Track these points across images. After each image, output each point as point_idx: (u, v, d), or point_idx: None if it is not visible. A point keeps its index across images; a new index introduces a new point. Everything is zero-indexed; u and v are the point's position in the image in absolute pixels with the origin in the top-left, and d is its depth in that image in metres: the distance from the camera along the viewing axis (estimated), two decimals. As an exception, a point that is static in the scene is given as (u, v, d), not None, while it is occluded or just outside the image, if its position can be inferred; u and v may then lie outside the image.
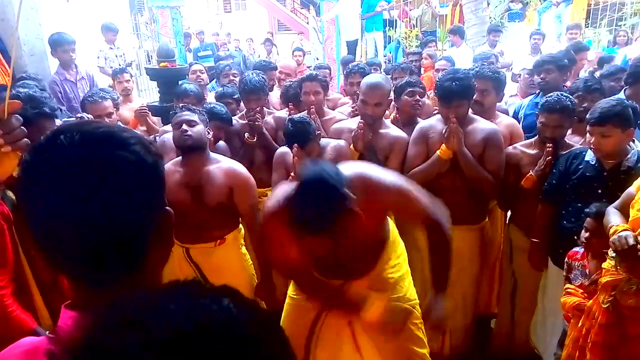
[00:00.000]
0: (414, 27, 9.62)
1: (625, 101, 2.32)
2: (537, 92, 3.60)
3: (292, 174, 2.50)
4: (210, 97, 4.03)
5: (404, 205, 1.79)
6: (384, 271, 1.96)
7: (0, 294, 1.59)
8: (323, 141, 2.64)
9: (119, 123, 3.35)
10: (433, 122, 2.73)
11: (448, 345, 2.88)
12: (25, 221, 0.67)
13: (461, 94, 2.53)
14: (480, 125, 2.64)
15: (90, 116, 2.71)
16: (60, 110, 3.97)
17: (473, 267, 2.79)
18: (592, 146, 2.26)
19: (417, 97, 3.00)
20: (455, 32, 7.41)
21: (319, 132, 2.62)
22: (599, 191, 2.28)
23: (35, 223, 0.66)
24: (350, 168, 1.73)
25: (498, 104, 3.68)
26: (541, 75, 3.41)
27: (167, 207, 0.75)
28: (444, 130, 2.54)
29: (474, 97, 2.74)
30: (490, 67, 3.39)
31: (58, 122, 2.93)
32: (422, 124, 2.81)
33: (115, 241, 0.65)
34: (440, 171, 2.60)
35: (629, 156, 2.26)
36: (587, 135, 2.30)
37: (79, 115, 2.66)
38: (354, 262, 1.85)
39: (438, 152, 2.57)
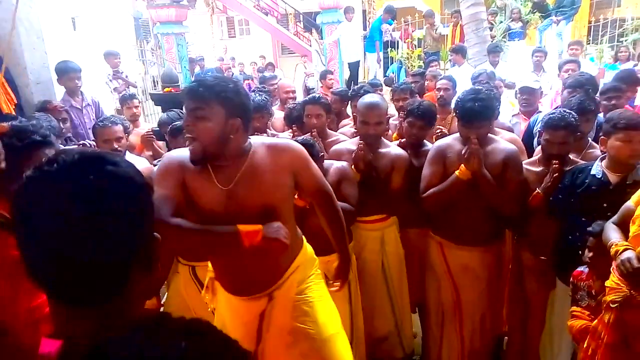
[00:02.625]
0: (415, 47, 9.73)
1: None
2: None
3: (295, 196, 2.49)
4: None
5: (302, 166, 1.89)
6: (307, 293, 1.96)
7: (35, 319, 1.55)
8: (326, 163, 2.63)
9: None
10: (450, 142, 2.68)
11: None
12: (17, 242, 0.67)
13: (483, 114, 2.48)
14: (500, 145, 2.59)
15: (93, 143, 2.75)
16: (70, 139, 4.03)
17: (491, 289, 2.74)
18: (628, 153, 2.20)
19: (415, 131, 2.98)
20: (457, 51, 7.49)
21: (322, 154, 2.61)
22: (604, 205, 2.25)
23: (25, 244, 0.67)
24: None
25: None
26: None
27: (155, 233, 0.75)
28: (463, 151, 2.48)
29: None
30: (483, 85, 3.41)
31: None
32: (439, 143, 2.77)
33: (100, 261, 0.66)
34: (458, 191, 2.54)
35: (635, 170, 2.24)
36: (616, 143, 2.24)
37: (81, 142, 2.69)
38: (259, 251, 1.75)
39: (457, 172, 2.50)
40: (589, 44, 9.79)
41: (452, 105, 3.42)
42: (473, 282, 2.70)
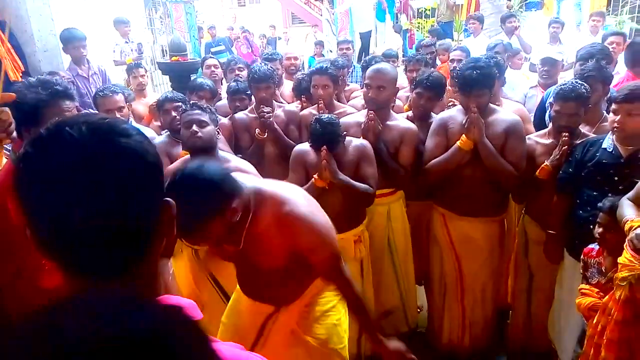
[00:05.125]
0: (428, 17, 9.52)
1: None
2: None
3: (314, 176, 2.45)
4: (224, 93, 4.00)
5: (307, 246, 1.67)
6: (314, 305, 1.91)
7: None
8: (345, 140, 2.58)
9: (132, 117, 3.36)
10: (453, 113, 2.68)
11: (467, 337, 2.86)
12: (23, 213, 0.65)
13: (482, 82, 2.48)
14: (502, 115, 2.59)
15: (95, 112, 2.72)
16: (77, 108, 4.01)
17: (493, 260, 2.76)
18: (615, 125, 2.20)
19: (423, 102, 2.92)
20: (477, 19, 7.28)
21: (344, 132, 2.55)
22: (615, 178, 2.22)
23: (39, 216, 0.65)
24: (277, 188, 1.70)
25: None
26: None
27: (168, 198, 0.74)
28: (464, 121, 2.49)
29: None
30: (488, 54, 3.34)
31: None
32: (441, 114, 2.76)
33: (123, 232, 0.65)
34: (460, 162, 2.55)
35: None
36: (611, 115, 2.25)
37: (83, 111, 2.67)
38: (270, 281, 1.78)
39: (458, 142, 2.51)
40: (609, 14, 9.46)
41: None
42: (475, 252, 2.72)
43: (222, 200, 1.49)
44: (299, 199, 1.68)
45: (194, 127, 2.32)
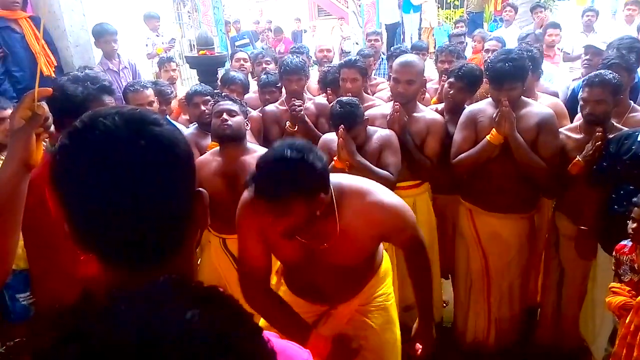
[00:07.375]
0: (457, 7, 9.37)
1: None
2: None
3: (334, 158, 2.47)
4: (253, 86, 4.03)
5: (395, 229, 1.74)
6: (370, 298, 1.91)
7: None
8: (370, 129, 2.59)
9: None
10: (483, 106, 2.61)
11: (493, 335, 2.82)
12: (61, 205, 0.66)
13: (514, 75, 2.40)
14: (534, 109, 2.51)
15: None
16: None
17: (521, 258, 2.70)
18: None
19: (454, 93, 2.85)
20: (512, 7, 7.14)
21: (366, 118, 2.57)
22: None
23: (75, 207, 0.66)
24: (354, 180, 1.71)
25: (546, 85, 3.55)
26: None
27: (200, 188, 0.75)
28: (494, 114, 2.43)
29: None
30: (523, 46, 3.24)
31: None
32: (470, 107, 2.70)
33: (160, 221, 0.66)
34: (489, 157, 2.49)
35: None
36: None
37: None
38: (334, 281, 1.77)
39: (488, 137, 2.45)
40: (647, 2, 9.12)
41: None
42: (502, 249, 2.67)
43: (318, 184, 1.47)
44: (376, 187, 1.72)
45: (224, 116, 2.36)
